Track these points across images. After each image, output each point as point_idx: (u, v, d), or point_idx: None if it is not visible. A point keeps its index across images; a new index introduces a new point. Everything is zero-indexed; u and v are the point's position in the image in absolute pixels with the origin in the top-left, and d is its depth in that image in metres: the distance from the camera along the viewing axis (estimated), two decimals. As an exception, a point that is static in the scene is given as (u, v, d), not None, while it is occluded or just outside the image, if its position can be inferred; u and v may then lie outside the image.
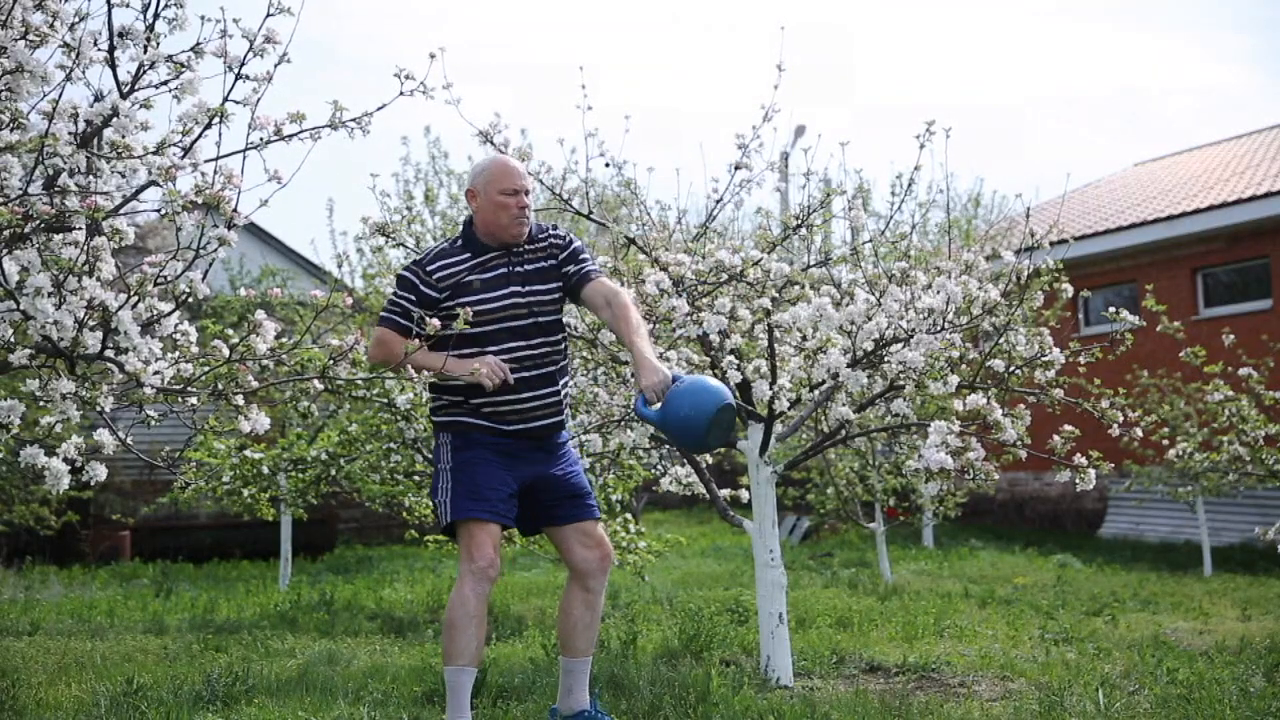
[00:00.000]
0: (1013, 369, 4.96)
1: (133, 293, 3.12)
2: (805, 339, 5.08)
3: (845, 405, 5.13)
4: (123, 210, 3.22)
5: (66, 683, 4.98)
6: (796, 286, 5.14)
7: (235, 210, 3.17)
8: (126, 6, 3.31)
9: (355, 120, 3.42)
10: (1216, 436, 8.27)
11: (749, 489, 5.30)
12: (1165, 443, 9.32)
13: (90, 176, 3.14)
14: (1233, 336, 7.46)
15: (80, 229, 3.13)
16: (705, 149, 11.75)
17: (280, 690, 4.79)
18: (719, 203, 5.55)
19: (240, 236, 3.33)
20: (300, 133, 3.32)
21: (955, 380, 4.74)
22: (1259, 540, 6.50)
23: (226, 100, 3.27)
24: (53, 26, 3.19)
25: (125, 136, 3.16)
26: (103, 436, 3.25)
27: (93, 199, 3.01)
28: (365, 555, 12.68)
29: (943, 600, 8.09)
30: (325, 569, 11.25)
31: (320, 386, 3.89)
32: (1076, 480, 4.53)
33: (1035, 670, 5.29)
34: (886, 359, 4.98)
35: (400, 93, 3.61)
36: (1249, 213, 13.37)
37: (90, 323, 3.10)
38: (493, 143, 5.12)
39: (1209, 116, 45.93)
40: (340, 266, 14.61)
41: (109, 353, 3.16)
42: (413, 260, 4.03)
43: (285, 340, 3.50)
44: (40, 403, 3.25)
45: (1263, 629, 6.98)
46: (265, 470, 8.54)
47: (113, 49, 3.28)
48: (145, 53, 3.29)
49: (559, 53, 51.12)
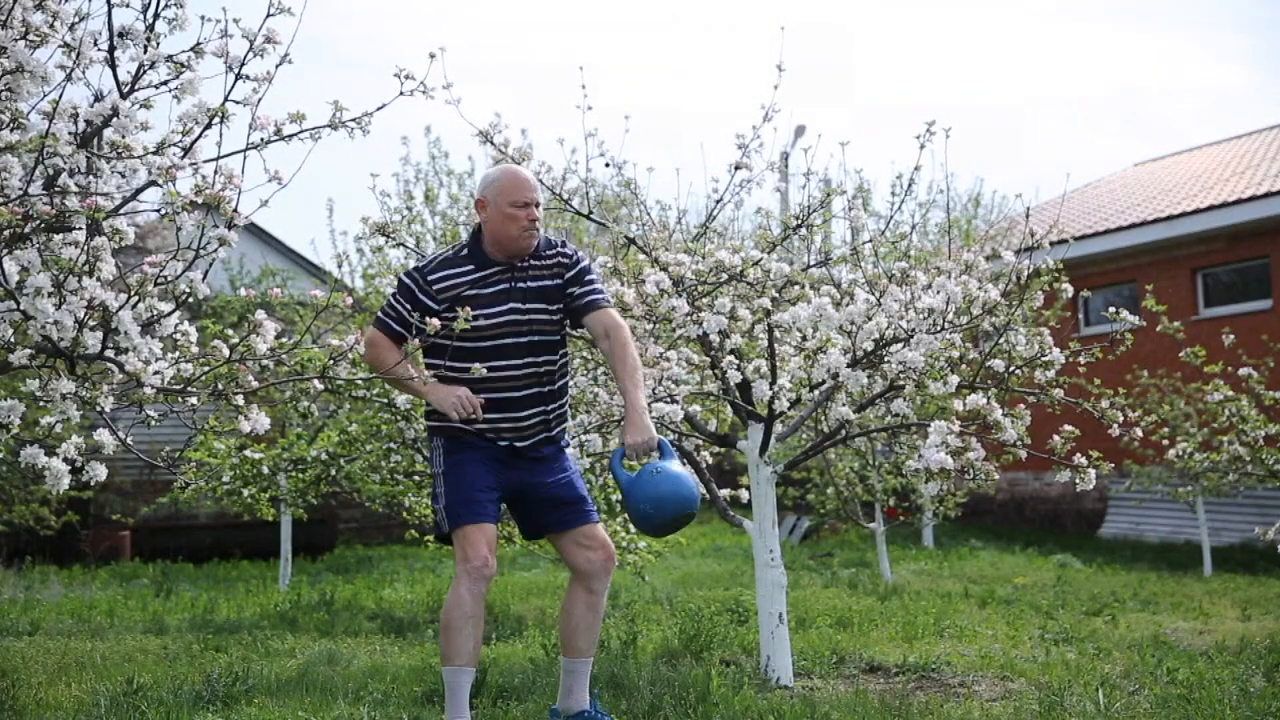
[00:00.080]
0: (1013, 369, 4.96)
1: (133, 293, 3.12)
2: (805, 339, 5.08)
3: (845, 405, 5.13)
4: (123, 210, 3.22)
5: (66, 683, 4.97)
6: (796, 286, 5.14)
7: (235, 210, 3.17)
8: (126, 6, 3.32)
9: (355, 120, 3.42)
10: (1216, 436, 8.27)
11: (749, 489, 5.30)
12: (1165, 443, 9.32)
13: (90, 176, 3.15)
14: (1233, 336, 7.46)
15: (80, 229, 3.13)
16: (705, 149, 11.76)
17: (280, 690, 4.79)
18: (719, 203, 5.55)
19: (240, 236, 3.33)
20: (300, 133, 3.33)
21: (955, 380, 4.74)
22: (1259, 540, 6.50)
23: (227, 100, 3.27)
24: (53, 26, 3.19)
25: (125, 136, 3.16)
26: (103, 436, 3.25)
27: (93, 199, 3.01)
28: (365, 555, 12.67)
29: (943, 600, 8.09)
30: (325, 569, 11.25)
31: (320, 386, 3.90)
32: (1076, 480, 4.53)
33: (1035, 670, 5.29)
34: (886, 359, 4.98)
35: (400, 93, 3.61)
36: (1249, 213, 13.37)
37: (90, 323, 3.10)
38: (493, 143, 5.12)
39: (1209, 116, 45.96)
40: (340, 266, 14.63)
41: (109, 353, 3.17)
42: (415, 266, 4.00)
43: (285, 340, 3.50)
44: (40, 403, 3.25)
45: (1263, 629, 6.98)
46: (265, 470, 8.54)
47: (113, 49, 3.28)
48: (145, 53, 3.29)
49: (559, 53, 51.15)
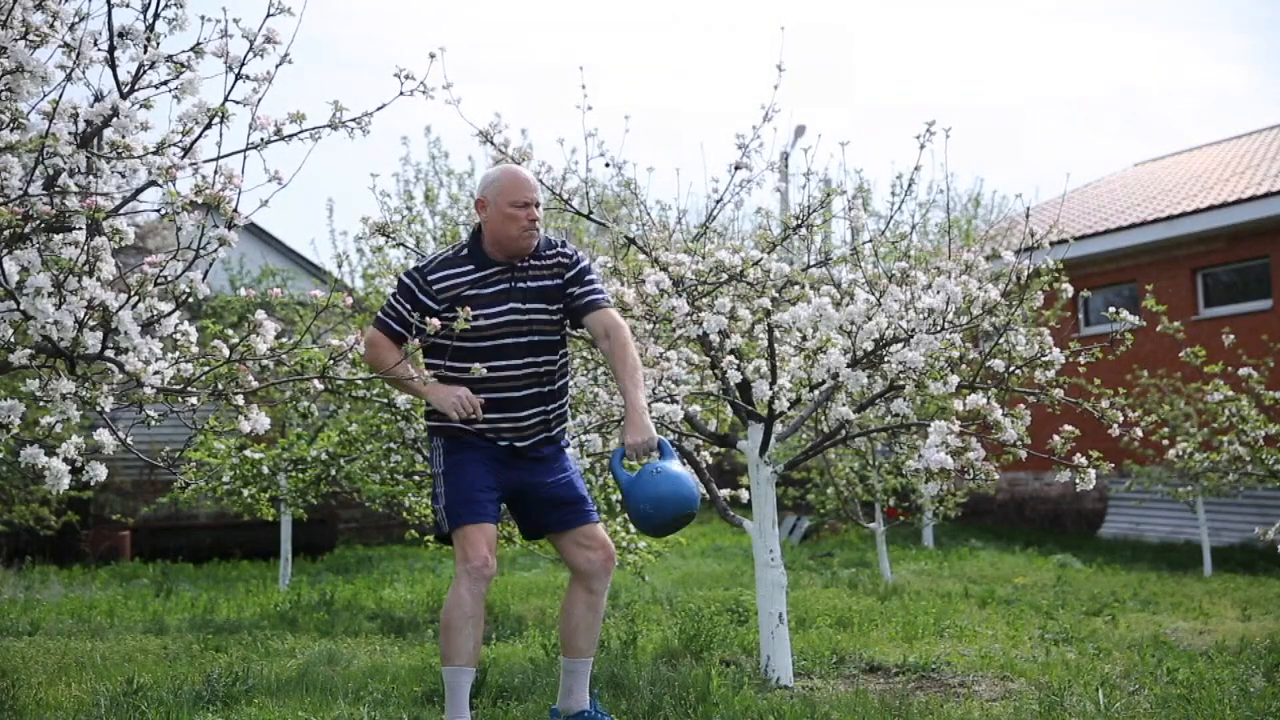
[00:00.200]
0: (1013, 369, 4.96)
1: (133, 293, 3.13)
2: (805, 339, 5.08)
3: (845, 405, 5.13)
4: (123, 210, 3.22)
5: (66, 683, 4.97)
6: (796, 286, 5.14)
7: (235, 210, 3.17)
8: (126, 6, 3.32)
9: (355, 120, 3.42)
10: (1216, 436, 8.27)
11: (749, 489, 5.30)
12: (1165, 443, 9.32)
13: (90, 176, 3.15)
14: (1233, 336, 7.46)
15: (80, 229, 3.13)
16: (705, 149, 11.76)
17: (280, 690, 4.79)
18: (719, 203, 5.55)
19: (240, 236, 3.33)
20: (300, 133, 3.32)
21: (955, 380, 4.74)
22: (1259, 540, 6.50)
23: (227, 100, 3.27)
24: (53, 26, 3.19)
25: (125, 136, 3.16)
26: (103, 436, 3.25)
27: (93, 199, 3.01)
28: (365, 555, 12.67)
29: (943, 600, 8.09)
30: (325, 569, 11.25)
31: (320, 386, 3.90)
32: (1076, 480, 4.53)
33: (1035, 670, 5.29)
34: (886, 359, 4.98)
35: (400, 93, 3.61)
36: (1249, 213, 13.37)
37: (90, 323, 3.10)
38: (493, 143, 5.12)
39: (1209, 116, 45.95)
40: (340, 266, 14.62)
41: (109, 353, 3.17)
42: (415, 266, 4.00)
43: (285, 340, 3.50)
44: (40, 403, 3.25)
45: (1263, 629, 6.98)
46: (265, 470, 8.53)
47: (113, 49, 3.28)
48: (145, 53, 3.29)
49: (559, 53, 51.15)
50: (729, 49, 51.79)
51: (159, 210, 3.13)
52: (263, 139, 3.29)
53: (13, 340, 3.16)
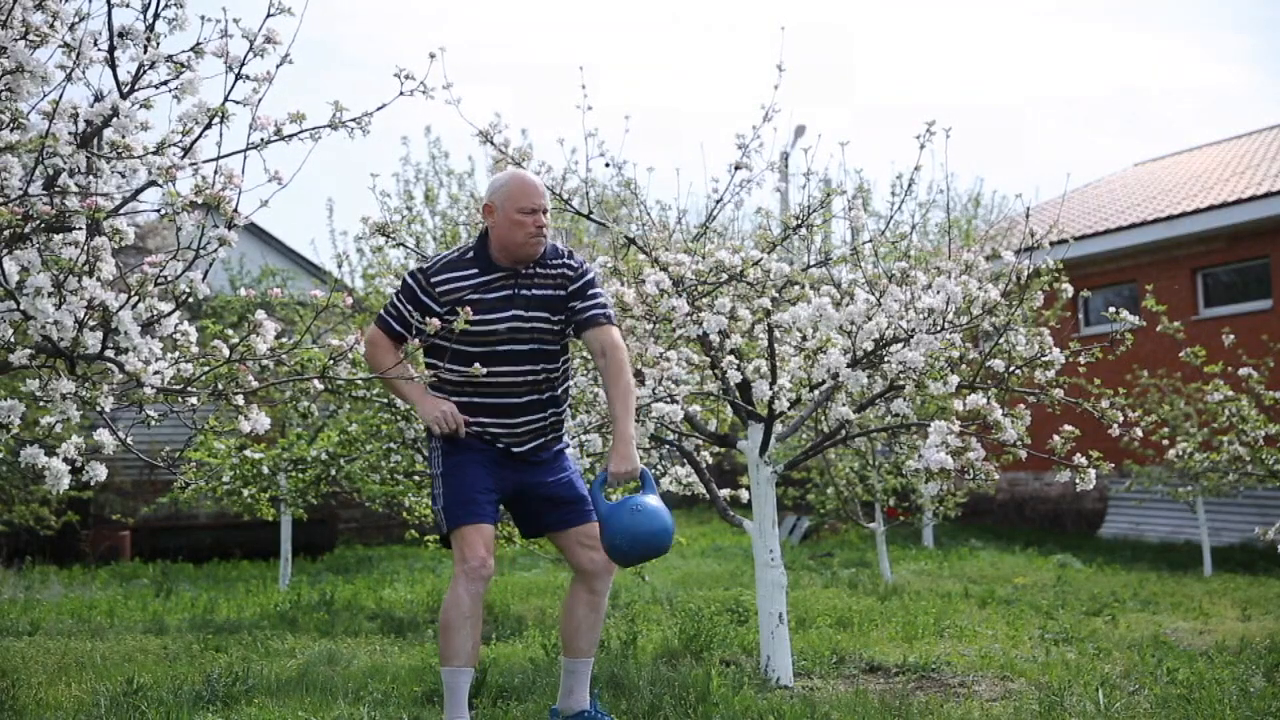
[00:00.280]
0: (1013, 369, 4.96)
1: (133, 293, 3.12)
2: (805, 339, 5.08)
3: (845, 405, 5.13)
4: (123, 210, 3.22)
5: (66, 683, 4.97)
6: (796, 286, 5.14)
7: (235, 210, 3.17)
8: (126, 6, 3.32)
9: (355, 120, 3.42)
10: (1216, 436, 8.27)
11: (749, 489, 5.30)
12: (1165, 443, 9.32)
13: (90, 176, 3.15)
14: (1233, 336, 7.46)
15: (80, 229, 3.13)
16: (705, 149, 11.75)
17: (280, 690, 4.79)
18: (719, 203, 5.55)
19: (240, 236, 3.33)
20: (300, 133, 3.32)
21: (955, 380, 4.74)
22: (1259, 540, 6.50)
23: (227, 100, 3.27)
24: (53, 26, 3.19)
25: (125, 136, 3.16)
26: (103, 436, 3.25)
27: (93, 199, 3.01)
28: (365, 555, 12.67)
29: (943, 600, 8.09)
30: (325, 569, 11.25)
31: (320, 386, 3.90)
32: (1076, 480, 4.53)
33: (1035, 670, 5.29)
34: (886, 359, 4.98)
35: (400, 93, 3.60)
36: (1249, 213, 13.37)
37: (90, 323, 3.10)
38: (493, 143, 5.12)
39: (1209, 116, 45.94)
40: (340, 266, 14.61)
41: (109, 353, 3.16)
42: (419, 266, 4.00)
43: (285, 340, 3.50)
44: (40, 403, 3.25)
45: (1263, 629, 6.98)
46: (265, 470, 8.54)
47: (113, 49, 3.28)
48: (145, 53, 3.29)
49: (559, 53, 51.15)
50: (729, 49, 51.82)
51: (159, 210, 3.13)
52: (263, 139, 3.29)
53: (13, 340, 3.16)
